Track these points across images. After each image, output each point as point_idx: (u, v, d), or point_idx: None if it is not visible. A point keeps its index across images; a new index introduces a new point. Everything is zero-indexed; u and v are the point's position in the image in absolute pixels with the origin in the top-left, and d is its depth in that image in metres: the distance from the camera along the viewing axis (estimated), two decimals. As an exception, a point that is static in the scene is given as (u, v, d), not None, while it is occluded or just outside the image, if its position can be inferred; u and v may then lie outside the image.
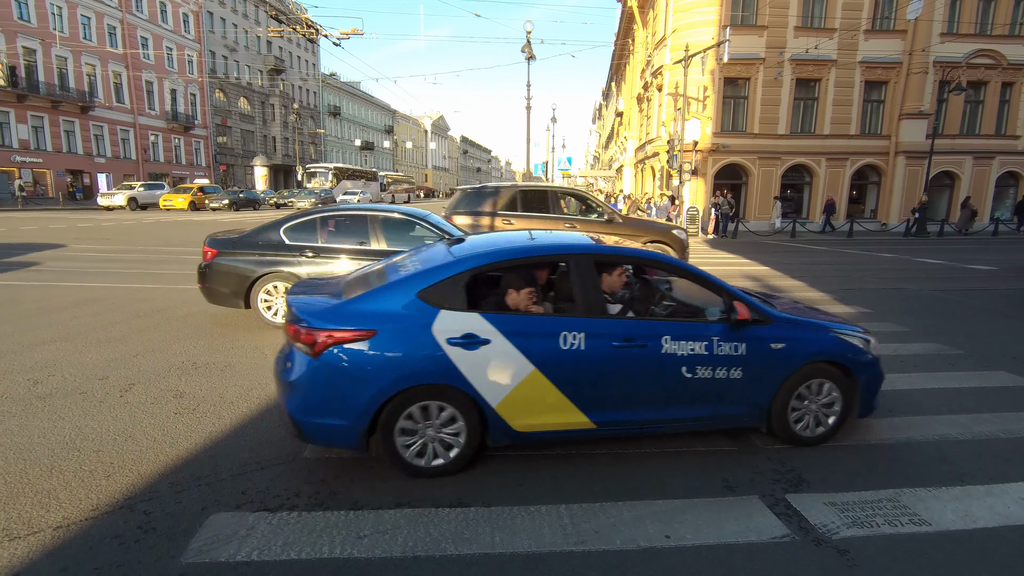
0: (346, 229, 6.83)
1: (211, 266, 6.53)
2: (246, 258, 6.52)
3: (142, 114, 42.59)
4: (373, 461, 3.45)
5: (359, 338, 3.10)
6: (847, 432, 4.02)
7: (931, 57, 24.12)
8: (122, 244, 14.77)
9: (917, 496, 3.18)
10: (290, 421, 3.16)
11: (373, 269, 3.90)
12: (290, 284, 6.24)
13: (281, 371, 3.28)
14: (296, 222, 6.72)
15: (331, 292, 3.55)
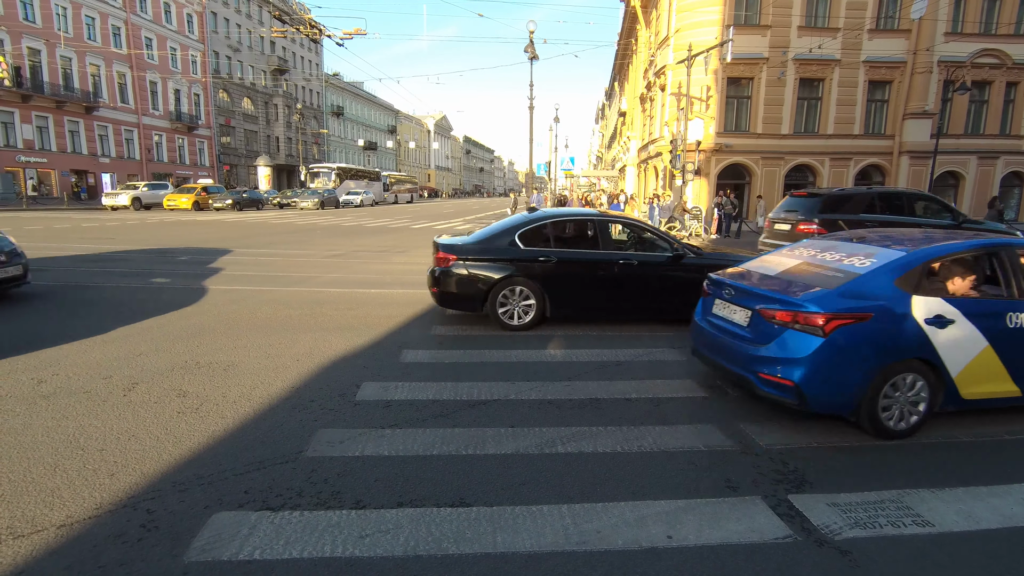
0: (576, 235, 7.37)
1: (449, 271, 6.73)
2: (485, 263, 6.76)
3: (146, 114, 42.73)
4: (377, 460, 3.45)
5: (860, 320, 3.70)
6: (850, 432, 4.02)
7: (935, 57, 24.02)
8: (125, 244, 14.81)
9: (920, 497, 3.17)
10: (797, 391, 3.75)
11: (824, 262, 4.38)
12: (525, 288, 6.69)
13: (765, 348, 3.92)
14: (527, 228, 6.97)
15: (786, 283, 4.19)
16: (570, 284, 6.83)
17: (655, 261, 6.94)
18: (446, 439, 3.78)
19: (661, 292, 6.97)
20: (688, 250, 7.04)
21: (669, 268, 6.92)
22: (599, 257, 6.90)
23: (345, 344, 5.95)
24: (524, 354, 5.80)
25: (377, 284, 9.75)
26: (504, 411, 4.31)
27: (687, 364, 5.58)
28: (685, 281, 6.81)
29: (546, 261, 6.75)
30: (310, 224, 23.88)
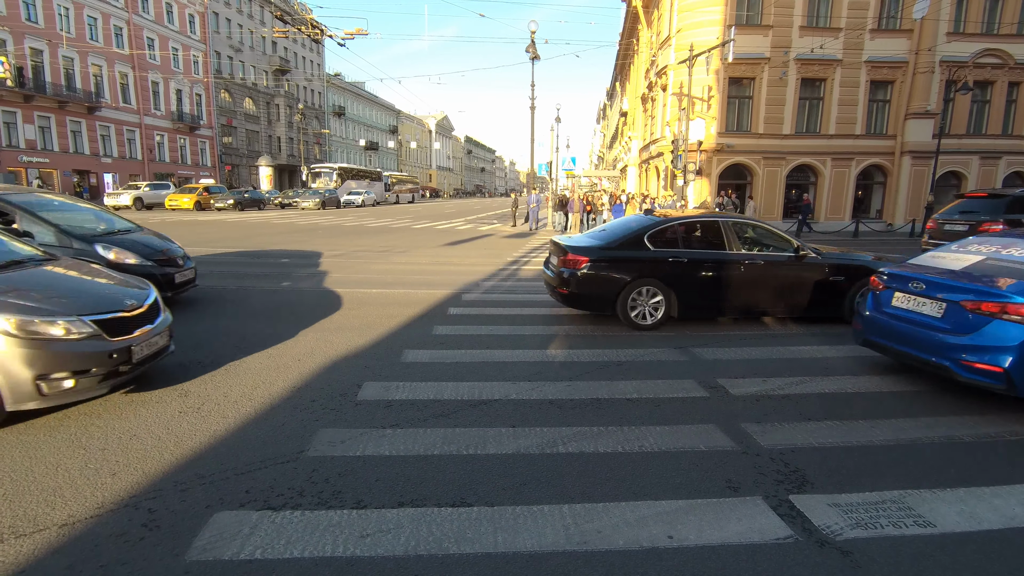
0: (702, 236, 7.43)
1: (580, 273, 6.87)
2: (617, 264, 6.90)
3: (148, 114, 42.79)
4: (378, 460, 3.46)
5: None
6: (852, 432, 4.01)
7: (937, 56, 23.99)
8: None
9: (922, 497, 3.17)
10: (1007, 377, 4.06)
11: (1013, 258, 4.68)
12: (655, 288, 6.87)
13: (968, 338, 4.28)
14: (657, 229, 7.11)
15: (982, 277, 4.54)
16: (698, 284, 7.01)
17: (778, 260, 7.13)
18: (447, 439, 3.78)
19: (785, 291, 7.17)
20: (810, 250, 7.26)
21: (792, 267, 7.13)
22: (727, 257, 7.05)
23: (346, 344, 5.96)
24: (525, 354, 5.80)
25: (379, 284, 9.76)
26: (505, 411, 4.31)
27: (688, 364, 5.58)
28: (807, 280, 7.13)
29: (676, 261, 6.94)
30: (312, 224, 23.90)
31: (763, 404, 4.53)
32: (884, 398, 4.72)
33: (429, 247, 16.27)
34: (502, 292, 9.33)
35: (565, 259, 6.99)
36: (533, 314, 7.73)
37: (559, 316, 7.63)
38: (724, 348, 6.17)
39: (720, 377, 5.15)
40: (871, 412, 4.41)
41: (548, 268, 7.75)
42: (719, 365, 5.54)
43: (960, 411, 4.44)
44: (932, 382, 5.14)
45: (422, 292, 9.02)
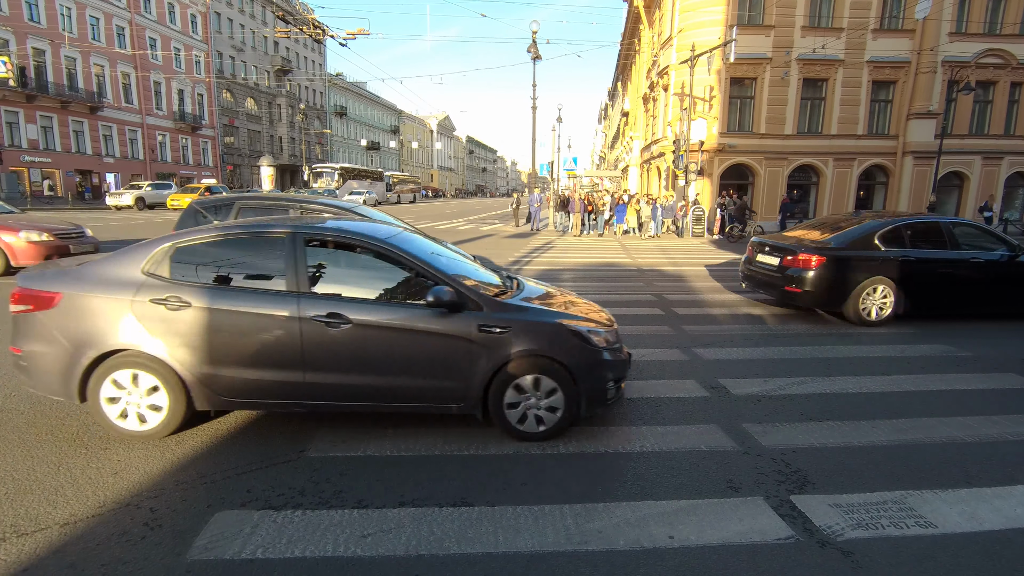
0: (926, 236, 7.62)
1: (813, 272, 7.23)
2: (850, 264, 7.26)
3: (150, 114, 42.86)
4: (379, 460, 3.46)
5: None
6: (853, 433, 4.01)
7: (939, 57, 23.93)
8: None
9: (923, 498, 3.16)
10: None
11: None
12: (885, 286, 7.22)
13: None
14: (887, 230, 7.43)
15: None
16: (926, 282, 7.36)
17: (997, 260, 7.50)
18: (448, 439, 3.78)
19: (1005, 288, 7.56)
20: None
21: (1011, 266, 7.49)
22: (952, 256, 7.42)
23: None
24: (526, 354, 5.79)
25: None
26: (506, 411, 4.30)
27: (689, 364, 5.57)
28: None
29: (905, 260, 7.24)
30: (313, 224, 23.88)
31: (764, 404, 4.53)
32: (886, 399, 4.71)
33: (430, 247, 16.24)
34: (503, 292, 9.32)
35: (795, 259, 7.36)
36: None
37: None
38: (725, 348, 6.16)
39: (721, 377, 5.15)
40: (873, 412, 4.40)
41: (757, 266, 8.17)
42: (720, 365, 5.53)
43: (962, 412, 4.43)
44: (934, 383, 5.13)
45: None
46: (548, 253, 15.44)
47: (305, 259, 3.65)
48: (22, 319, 3.60)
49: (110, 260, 3.67)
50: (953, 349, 6.28)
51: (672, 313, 7.91)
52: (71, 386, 3.53)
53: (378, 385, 3.61)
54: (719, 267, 13.03)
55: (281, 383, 3.55)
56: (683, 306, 8.40)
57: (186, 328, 3.48)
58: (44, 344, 3.53)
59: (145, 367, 3.52)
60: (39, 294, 3.53)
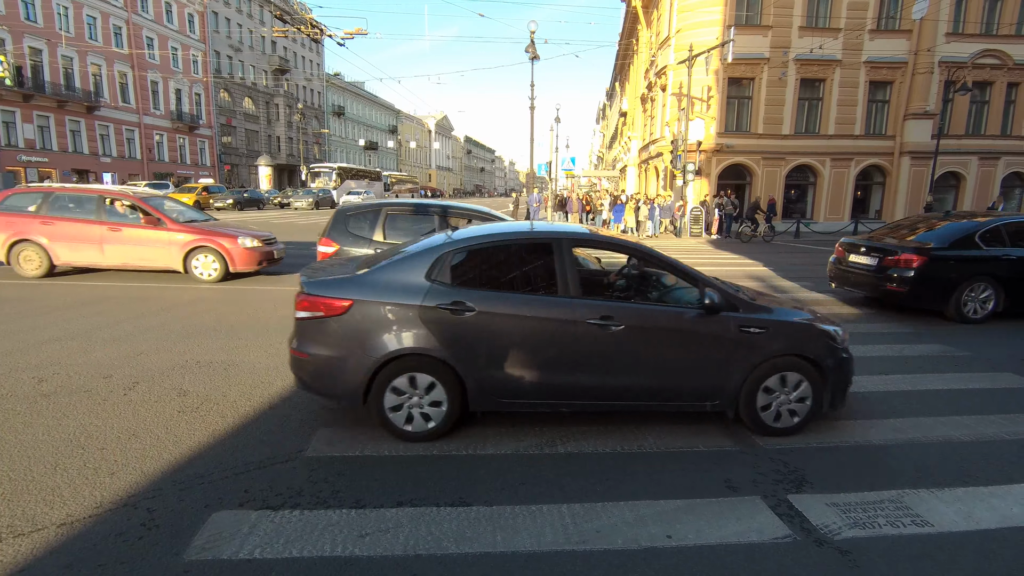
0: (1021, 236, 7.74)
1: (915, 272, 7.44)
2: (952, 263, 7.46)
3: (147, 114, 42.75)
4: (377, 460, 3.46)
5: None
6: (850, 432, 4.02)
7: (936, 57, 24.02)
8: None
9: (919, 497, 3.17)
10: None
11: None
12: (987, 284, 7.45)
13: None
14: (987, 229, 7.61)
15: None
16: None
17: None
18: (446, 439, 3.78)
19: None
20: None
21: None
22: None
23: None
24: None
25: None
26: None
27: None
28: None
29: (1007, 259, 7.37)
30: (312, 223, 23.89)
31: (762, 404, 4.53)
32: (883, 398, 4.73)
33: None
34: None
35: (897, 259, 7.52)
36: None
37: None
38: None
39: (719, 377, 5.15)
40: (869, 412, 4.41)
41: (850, 266, 8.38)
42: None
43: (959, 411, 4.44)
44: (932, 382, 5.15)
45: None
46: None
47: (575, 264, 3.84)
48: (312, 324, 3.68)
49: (394, 267, 3.77)
50: (951, 349, 6.30)
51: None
52: (356, 389, 3.65)
53: (641, 385, 3.79)
54: (715, 267, 13.05)
55: (553, 384, 3.72)
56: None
57: (467, 332, 3.62)
58: (333, 348, 3.64)
59: (426, 370, 3.64)
60: (332, 302, 3.63)
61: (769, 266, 13.34)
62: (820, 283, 10.48)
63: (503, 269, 3.90)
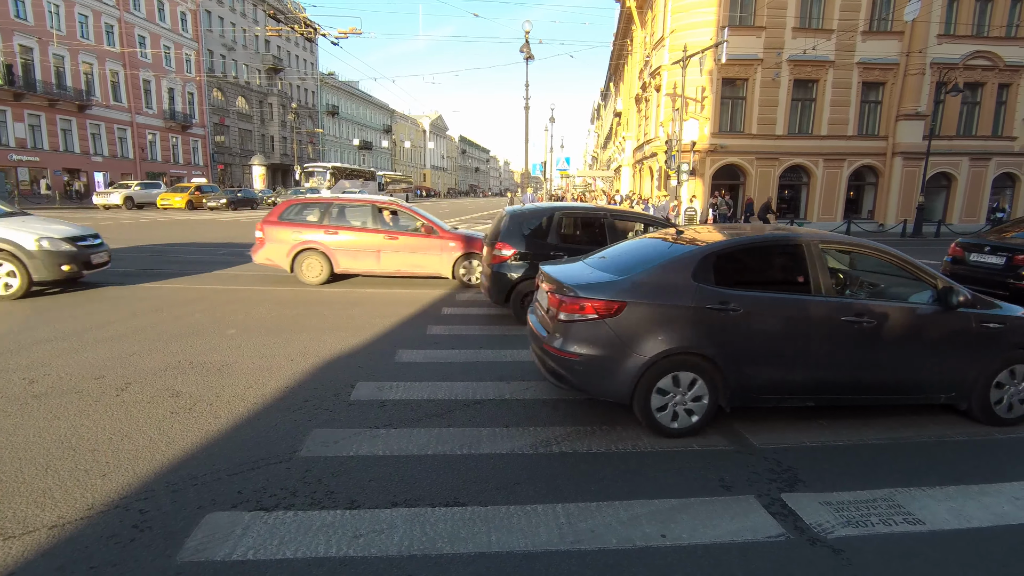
0: None
1: None
2: None
3: (139, 113, 42.51)
4: (371, 460, 3.45)
5: None
6: (843, 431, 4.04)
7: (928, 58, 24.18)
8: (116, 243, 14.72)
9: (911, 495, 3.19)
10: None
11: None
12: None
13: None
14: None
15: None
16: None
17: None
18: (441, 439, 3.78)
19: None
20: None
21: None
22: None
23: (340, 344, 5.94)
24: (519, 354, 5.80)
25: (373, 284, 9.73)
26: (499, 411, 4.31)
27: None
28: None
29: None
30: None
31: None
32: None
33: (423, 247, 16.21)
34: (496, 292, 9.32)
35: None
36: (527, 314, 7.73)
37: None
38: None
39: (713, 376, 5.17)
40: (863, 412, 4.43)
41: (972, 265, 8.66)
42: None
43: (951, 411, 4.47)
44: None
45: (417, 292, 9.00)
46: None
47: (824, 264, 4.03)
48: (582, 326, 3.81)
49: (661, 270, 3.92)
50: None
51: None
52: (625, 387, 3.78)
53: (885, 379, 4.01)
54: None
55: (805, 380, 3.93)
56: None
57: (732, 330, 3.79)
58: (605, 349, 3.76)
59: (690, 368, 3.80)
60: (606, 304, 3.76)
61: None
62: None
63: (759, 270, 4.19)
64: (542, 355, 4.10)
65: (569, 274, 4.21)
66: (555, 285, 4.02)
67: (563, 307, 3.87)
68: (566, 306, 3.85)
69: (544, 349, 4.01)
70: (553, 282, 4.08)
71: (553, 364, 3.96)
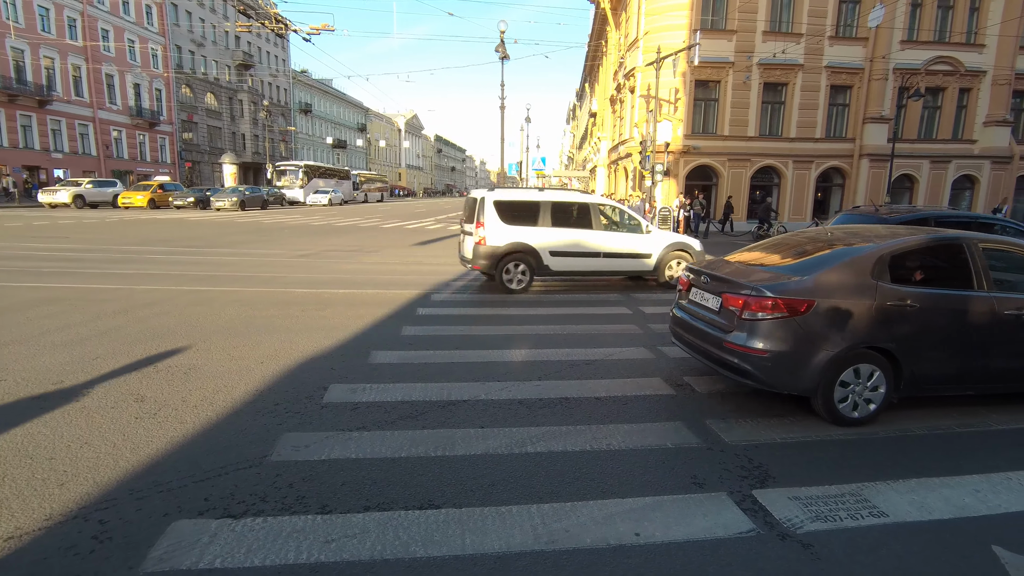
0: None
1: None
2: None
3: (103, 108, 41.18)
4: (344, 464, 3.39)
5: None
6: (812, 427, 4.13)
7: (891, 64, 24.90)
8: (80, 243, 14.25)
9: (877, 489, 3.27)
10: None
11: None
12: None
13: None
14: None
15: None
16: None
17: None
18: (415, 441, 3.74)
19: None
20: None
21: None
22: None
23: (312, 346, 5.84)
24: (495, 354, 5.79)
25: (347, 284, 9.60)
26: (474, 411, 4.29)
27: (656, 362, 5.65)
28: None
29: None
30: (278, 223, 23.42)
31: (728, 401, 4.62)
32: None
33: (399, 247, 16.12)
34: (472, 292, 9.30)
35: None
36: (502, 314, 7.72)
37: (529, 316, 7.64)
38: (690, 346, 6.26)
39: (687, 375, 5.24)
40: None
41: None
42: (686, 363, 5.62)
43: (914, 406, 4.60)
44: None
45: (391, 292, 8.91)
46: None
47: (987, 263, 4.32)
48: (770, 324, 4.01)
49: (844, 269, 4.14)
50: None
51: (639, 311, 8.01)
52: (811, 381, 4.02)
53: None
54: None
55: (971, 371, 4.28)
56: (649, 304, 8.51)
57: (910, 325, 4.08)
58: (792, 345, 3.97)
59: (871, 360, 4.06)
60: (796, 302, 3.96)
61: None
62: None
63: (927, 268, 4.42)
64: (717, 352, 4.32)
65: (740, 274, 4.47)
66: (728, 284, 4.35)
67: (750, 306, 4.09)
68: (753, 304, 4.07)
69: (724, 346, 4.23)
70: (724, 281, 4.41)
71: (735, 360, 4.16)
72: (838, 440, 3.96)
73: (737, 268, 4.73)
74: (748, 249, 5.43)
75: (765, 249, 5.21)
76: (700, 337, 4.60)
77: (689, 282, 4.99)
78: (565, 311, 7.94)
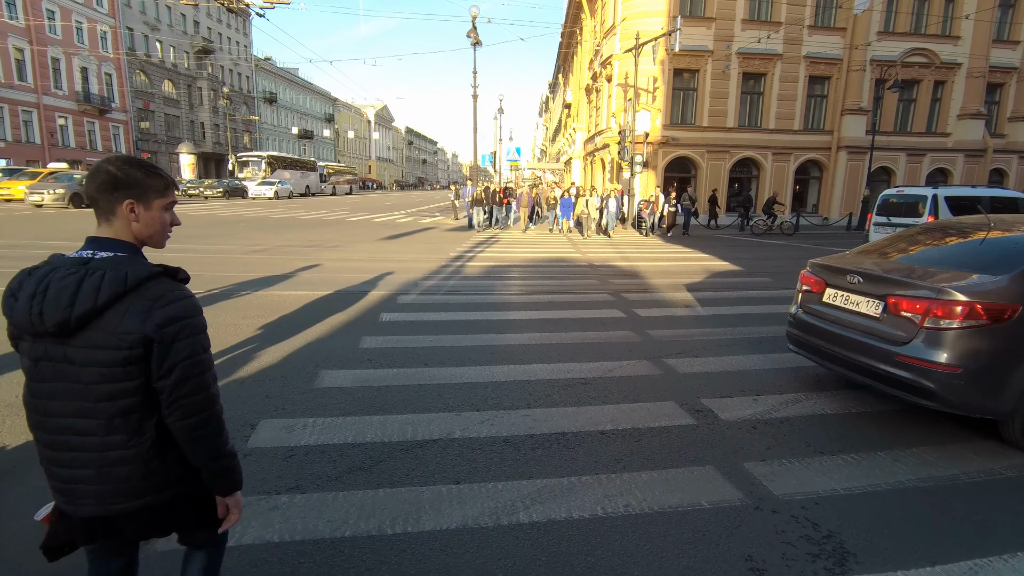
0: None
1: None
2: None
3: (47, 93, 38.47)
4: (262, 550, 2.37)
5: None
6: (878, 467, 3.26)
7: (869, 55, 24.60)
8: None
9: (996, 570, 2.40)
10: None
11: None
12: None
13: None
14: None
15: None
16: None
17: None
18: (365, 508, 2.74)
19: None
20: None
21: None
22: None
23: (244, 365, 4.76)
24: (472, 372, 4.80)
25: (300, 285, 8.46)
26: (447, 456, 3.31)
27: (664, 379, 4.75)
28: None
29: None
30: (235, 216, 21.92)
31: (762, 432, 3.74)
32: (894, 418, 4.02)
33: (364, 242, 14.94)
34: (444, 293, 8.27)
35: None
36: (480, 319, 6.73)
37: (511, 322, 6.68)
38: (700, 358, 5.37)
39: (704, 397, 4.34)
40: (888, 440, 3.68)
41: None
42: (699, 380, 4.73)
43: (988, 432, 3.78)
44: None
45: (351, 294, 7.83)
46: (493, 248, 14.46)
47: None
48: (966, 334, 3.33)
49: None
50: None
51: (634, 315, 7.10)
52: (1010, 402, 3.36)
53: None
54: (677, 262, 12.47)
55: None
56: (644, 306, 7.62)
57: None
58: (991, 359, 3.34)
59: None
60: (999, 307, 3.31)
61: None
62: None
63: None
64: (881, 366, 3.62)
65: (909, 273, 3.75)
66: (897, 284, 3.65)
67: (934, 311, 3.41)
68: (939, 310, 3.39)
69: (897, 360, 3.53)
70: (890, 282, 3.71)
71: (910, 376, 3.47)
72: (913, 488, 3.10)
73: (897, 266, 3.94)
74: (872, 246, 4.69)
75: (901, 242, 4.44)
76: (850, 348, 3.87)
77: (823, 282, 4.21)
78: (550, 315, 6.99)
